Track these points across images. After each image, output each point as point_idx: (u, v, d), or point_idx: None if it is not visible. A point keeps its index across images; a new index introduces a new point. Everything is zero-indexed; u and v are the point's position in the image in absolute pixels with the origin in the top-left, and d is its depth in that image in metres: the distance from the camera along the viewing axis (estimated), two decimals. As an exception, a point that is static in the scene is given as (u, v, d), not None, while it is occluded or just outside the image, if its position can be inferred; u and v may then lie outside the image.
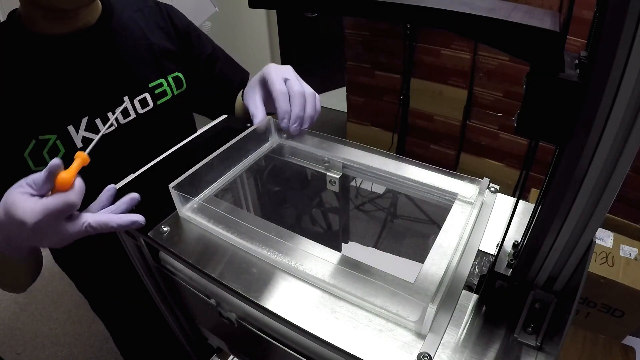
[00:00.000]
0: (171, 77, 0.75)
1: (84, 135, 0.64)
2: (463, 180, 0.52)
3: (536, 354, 0.35)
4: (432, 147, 2.21)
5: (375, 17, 0.29)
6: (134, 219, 0.47)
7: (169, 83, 0.74)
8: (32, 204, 0.42)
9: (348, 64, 2.25)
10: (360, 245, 0.80)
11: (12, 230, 0.45)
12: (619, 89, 0.23)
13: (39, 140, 0.61)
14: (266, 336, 0.47)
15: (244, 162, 0.59)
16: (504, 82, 1.83)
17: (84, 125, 0.64)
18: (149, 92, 0.71)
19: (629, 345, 1.13)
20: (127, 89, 0.69)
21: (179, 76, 0.76)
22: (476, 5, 0.26)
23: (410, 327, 0.37)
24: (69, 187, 0.44)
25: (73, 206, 0.44)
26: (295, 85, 0.62)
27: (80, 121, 0.64)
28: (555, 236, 0.32)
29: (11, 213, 0.43)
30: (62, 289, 1.98)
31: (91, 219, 0.45)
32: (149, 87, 0.72)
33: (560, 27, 0.24)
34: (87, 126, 0.65)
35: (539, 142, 0.31)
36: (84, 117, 0.64)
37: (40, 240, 0.46)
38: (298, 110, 0.61)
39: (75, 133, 0.64)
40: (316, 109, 0.64)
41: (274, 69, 0.65)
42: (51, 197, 0.43)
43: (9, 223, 0.44)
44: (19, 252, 0.50)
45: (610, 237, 1.21)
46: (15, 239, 0.46)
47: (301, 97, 0.62)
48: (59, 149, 0.62)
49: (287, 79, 0.63)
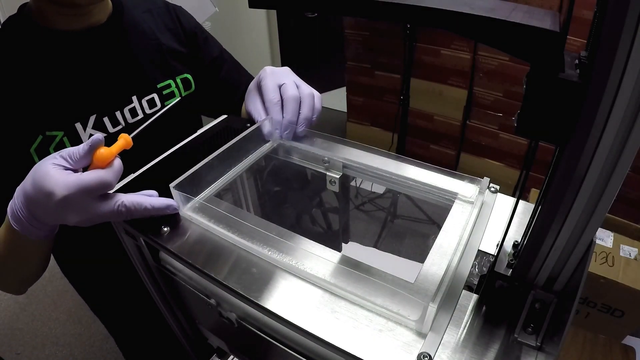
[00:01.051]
0: (179, 79, 0.75)
1: (91, 133, 0.64)
2: (463, 180, 0.52)
3: (536, 354, 0.35)
4: (432, 147, 2.21)
5: (375, 17, 0.29)
6: (169, 203, 0.46)
7: (177, 84, 0.75)
8: (64, 177, 0.41)
9: (348, 64, 2.25)
10: (360, 245, 0.80)
11: (38, 203, 0.43)
12: (619, 89, 0.23)
13: (46, 136, 0.61)
14: (266, 336, 0.47)
15: (244, 161, 0.59)
16: (504, 82, 1.83)
17: (92, 124, 0.65)
18: (157, 92, 0.72)
19: (629, 345, 1.13)
20: (136, 89, 0.70)
21: (188, 77, 0.76)
22: (476, 5, 0.26)
23: (410, 326, 0.37)
24: (107, 164, 0.42)
25: (108, 185, 0.43)
26: (289, 89, 0.61)
27: (88, 119, 0.64)
28: (555, 236, 0.32)
29: (40, 185, 0.41)
30: (62, 289, 1.98)
31: (125, 199, 0.44)
32: (157, 88, 0.72)
33: (560, 27, 0.24)
34: (95, 124, 0.65)
35: (539, 142, 0.31)
36: (92, 115, 0.65)
37: (66, 216, 0.44)
38: (290, 116, 0.60)
39: (83, 131, 0.64)
40: (315, 108, 0.63)
41: (269, 74, 0.64)
42: (87, 172, 0.42)
43: (37, 194, 0.42)
44: (40, 230, 0.48)
45: (610, 237, 1.21)
46: (41, 214, 0.45)
47: (294, 101, 0.61)
48: (66, 146, 0.62)
49: (283, 84, 0.62)
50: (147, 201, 0.46)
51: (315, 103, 0.63)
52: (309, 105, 0.62)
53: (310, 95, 0.63)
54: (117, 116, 0.67)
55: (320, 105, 0.64)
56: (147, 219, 0.49)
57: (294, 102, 0.61)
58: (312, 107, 0.62)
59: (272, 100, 0.61)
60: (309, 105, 0.62)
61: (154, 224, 0.49)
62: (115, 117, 0.67)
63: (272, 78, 0.63)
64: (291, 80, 0.63)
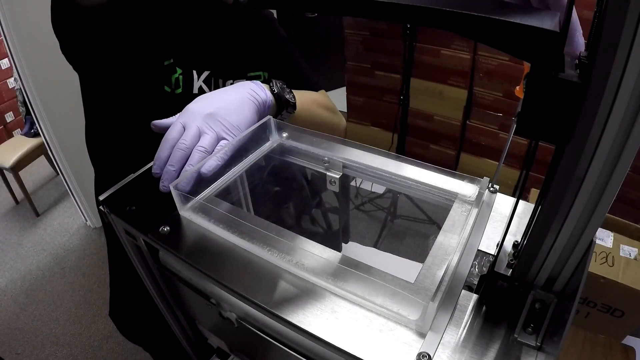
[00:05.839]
0: (264, 74, 0.79)
1: (200, 86, 0.70)
2: (463, 180, 0.52)
3: (536, 354, 0.35)
4: (432, 147, 2.21)
5: (375, 17, 0.29)
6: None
7: (264, 79, 0.79)
8: None
9: (348, 64, 2.25)
10: (360, 245, 0.80)
11: None
12: (619, 89, 0.23)
13: (165, 66, 0.66)
14: (266, 336, 0.47)
15: (244, 162, 0.59)
16: (504, 82, 1.83)
17: (204, 77, 0.70)
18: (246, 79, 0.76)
19: (629, 345, 1.13)
20: (246, 68, 0.76)
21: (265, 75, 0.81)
22: (476, 5, 0.26)
23: (410, 326, 0.37)
24: None
25: None
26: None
27: (203, 72, 0.70)
28: (555, 236, 0.32)
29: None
30: (62, 289, 1.98)
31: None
32: (248, 76, 0.77)
33: (560, 27, 0.24)
34: (206, 79, 0.70)
35: (539, 142, 0.31)
36: (207, 70, 0.71)
37: None
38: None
39: (197, 80, 0.70)
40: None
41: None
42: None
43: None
44: None
45: (610, 237, 1.21)
46: None
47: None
48: (180, 84, 0.68)
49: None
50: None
51: None
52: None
53: None
54: (219, 84, 0.73)
55: None
56: (147, 219, 0.49)
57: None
58: None
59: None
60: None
61: (154, 224, 0.49)
62: (218, 83, 0.73)
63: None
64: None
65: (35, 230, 2.37)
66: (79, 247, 2.24)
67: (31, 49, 1.72)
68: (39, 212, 2.49)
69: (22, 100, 2.51)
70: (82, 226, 2.38)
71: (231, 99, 0.59)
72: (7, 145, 2.49)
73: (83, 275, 2.06)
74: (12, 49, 1.75)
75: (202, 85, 0.70)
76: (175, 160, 0.52)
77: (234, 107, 0.58)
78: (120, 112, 0.69)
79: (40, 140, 2.30)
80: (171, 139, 0.54)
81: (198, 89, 0.70)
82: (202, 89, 0.70)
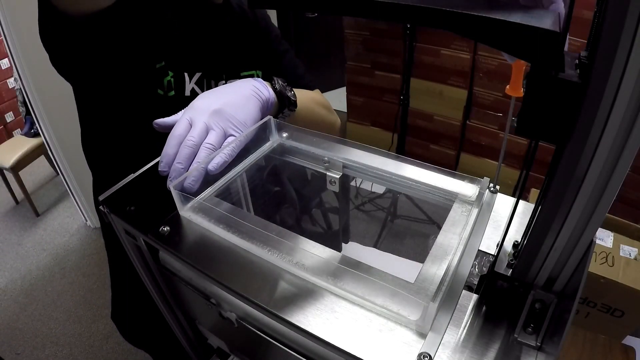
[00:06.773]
0: (258, 73, 0.79)
1: (192, 88, 0.70)
2: (463, 180, 0.52)
3: (536, 354, 0.35)
4: (432, 147, 2.22)
5: (375, 17, 0.29)
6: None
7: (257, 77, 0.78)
8: None
9: (348, 64, 2.25)
10: (360, 245, 0.80)
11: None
12: (619, 89, 0.23)
13: (156, 69, 0.65)
14: (266, 336, 0.47)
15: (244, 162, 0.59)
16: (504, 82, 1.83)
17: (196, 79, 0.69)
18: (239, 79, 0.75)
19: (629, 345, 1.13)
20: (238, 68, 0.76)
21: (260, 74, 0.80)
22: (476, 5, 0.26)
23: (410, 326, 0.37)
24: None
25: None
26: None
27: (194, 74, 0.69)
28: (555, 236, 0.32)
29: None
30: (62, 289, 1.98)
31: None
32: (240, 75, 0.76)
33: (560, 27, 0.24)
34: (197, 81, 0.70)
35: (538, 142, 0.31)
36: (198, 72, 0.70)
37: None
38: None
39: (188, 82, 0.69)
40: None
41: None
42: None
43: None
44: None
45: (610, 237, 1.21)
46: None
47: None
48: (172, 87, 0.67)
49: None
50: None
51: None
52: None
53: None
54: (212, 85, 0.72)
55: None
56: (147, 219, 0.49)
57: None
58: None
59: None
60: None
61: (154, 224, 0.49)
62: (210, 84, 0.72)
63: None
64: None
65: (35, 230, 2.37)
66: (79, 247, 2.24)
67: (31, 49, 1.73)
68: (39, 212, 2.49)
69: (22, 100, 2.51)
70: (82, 226, 2.38)
71: (236, 96, 0.58)
72: (7, 145, 2.50)
73: (83, 275, 2.06)
74: (12, 49, 1.75)
75: (194, 87, 0.70)
76: (183, 158, 0.52)
77: (239, 104, 0.58)
78: (115, 118, 0.69)
79: (40, 140, 2.31)
80: (178, 136, 0.53)
81: (190, 91, 0.69)
82: (194, 90, 0.70)
